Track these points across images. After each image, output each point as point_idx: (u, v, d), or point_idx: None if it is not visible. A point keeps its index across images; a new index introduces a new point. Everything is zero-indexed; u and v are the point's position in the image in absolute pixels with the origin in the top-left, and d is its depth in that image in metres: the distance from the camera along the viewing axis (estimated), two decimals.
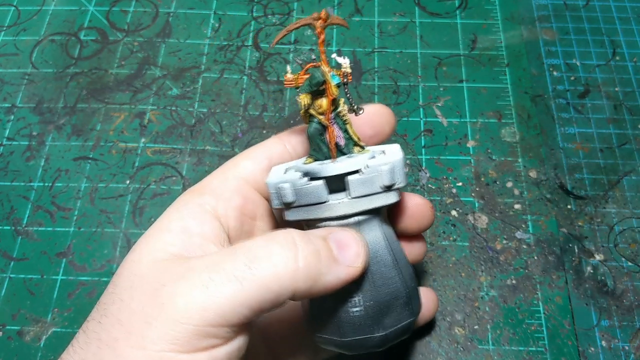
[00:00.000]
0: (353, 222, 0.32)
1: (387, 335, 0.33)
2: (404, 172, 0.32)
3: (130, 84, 0.59)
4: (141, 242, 0.31)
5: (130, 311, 0.27)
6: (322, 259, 0.29)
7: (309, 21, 0.31)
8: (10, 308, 0.47)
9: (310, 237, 0.29)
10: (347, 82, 0.33)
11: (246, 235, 0.34)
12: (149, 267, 0.29)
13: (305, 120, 0.33)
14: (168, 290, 0.27)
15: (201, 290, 0.26)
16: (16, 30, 0.63)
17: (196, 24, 0.63)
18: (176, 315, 0.26)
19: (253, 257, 0.27)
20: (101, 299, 0.29)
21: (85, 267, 0.49)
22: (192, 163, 0.54)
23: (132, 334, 0.26)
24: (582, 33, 0.62)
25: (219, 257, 0.28)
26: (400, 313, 0.33)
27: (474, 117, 0.57)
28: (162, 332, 0.26)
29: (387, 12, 0.64)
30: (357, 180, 0.31)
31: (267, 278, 0.27)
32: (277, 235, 0.29)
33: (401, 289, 0.33)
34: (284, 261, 0.27)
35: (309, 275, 0.28)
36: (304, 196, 0.31)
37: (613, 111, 0.57)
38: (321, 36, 0.31)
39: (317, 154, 0.33)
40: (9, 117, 0.57)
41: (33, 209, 0.52)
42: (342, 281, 0.29)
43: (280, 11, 0.64)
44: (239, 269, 0.27)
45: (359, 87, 0.59)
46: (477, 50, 0.61)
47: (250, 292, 0.26)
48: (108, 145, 0.55)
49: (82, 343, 0.28)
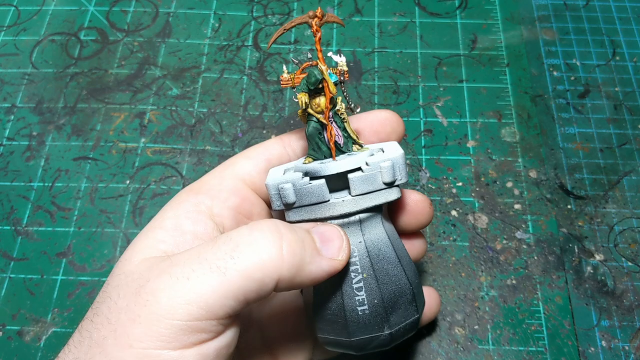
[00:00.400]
0: (355, 220, 0.32)
1: (395, 333, 0.33)
2: (405, 168, 0.32)
3: (130, 84, 0.59)
4: (134, 241, 0.31)
5: (117, 309, 0.27)
6: (306, 248, 0.28)
7: (305, 19, 0.31)
8: (10, 308, 0.47)
9: (294, 227, 0.29)
10: (343, 81, 0.33)
11: None
12: (137, 264, 0.29)
13: (303, 119, 0.33)
14: (151, 286, 0.26)
15: (183, 283, 0.26)
16: (16, 30, 0.63)
17: (196, 24, 0.63)
18: (160, 311, 0.25)
19: (235, 245, 0.27)
20: (96, 299, 0.30)
21: (85, 267, 0.49)
22: (192, 163, 0.54)
23: (118, 333, 0.26)
24: (582, 33, 0.62)
25: (201, 248, 0.27)
26: (406, 310, 0.33)
27: (474, 117, 0.57)
28: (147, 329, 0.25)
29: (387, 12, 0.64)
30: (359, 178, 0.31)
31: (250, 267, 0.26)
32: (260, 224, 0.28)
33: (406, 286, 0.33)
34: (268, 249, 0.27)
35: (293, 264, 0.27)
36: (306, 196, 0.31)
37: (613, 111, 0.57)
38: (317, 34, 0.31)
39: (316, 153, 0.33)
40: (9, 117, 0.57)
41: (33, 209, 0.52)
42: (325, 273, 0.29)
43: (280, 11, 0.64)
44: (221, 258, 0.26)
45: (359, 87, 0.59)
46: (477, 50, 0.61)
47: (234, 281, 0.26)
48: (108, 145, 0.55)
49: (76, 342, 0.28)
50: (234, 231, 0.28)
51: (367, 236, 0.32)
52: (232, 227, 0.33)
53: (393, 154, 0.32)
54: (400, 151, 0.32)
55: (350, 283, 0.32)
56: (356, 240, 0.32)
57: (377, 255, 0.32)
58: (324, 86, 0.31)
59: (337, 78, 0.32)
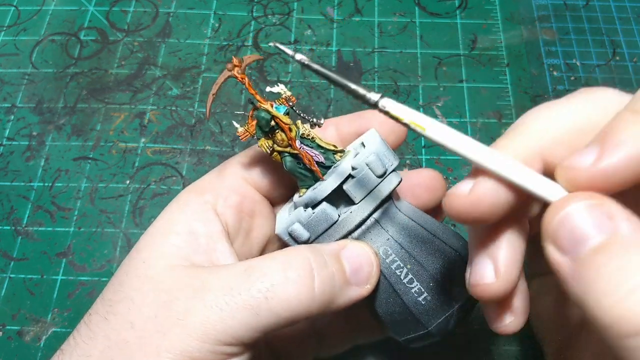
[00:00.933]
0: (372, 222, 0.32)
1: (465, 304, 0.32)
2: (391, 153, 0.32)
3: (130, 84, 0.59)
4: (148, 243, 0.31)
5: (142, 316, 0.27)
6: (336, 283, 0.29)
7: (228, 74, 0.31)
8: (10, 308, 0.47)
9: (324, 257, 0.29)
10: (292, 105, 0.32)
11: (245, 232, 0.34)
12: (161, 273, 0.29)
13: (278, 159, 0.33)
14: (184, 305, 0.27)
15: (216, 313, 0.27)
16: (16, 30, 0.63)
17: (196, 24, 0.63)
18: (190, 332, 0.26)
19: (270, 284, 0.27)
20: (105, 294, 0.29)
21: (85, 267, 0.49)
22: (192, 163, 0.54)
23: (145, 341, 0.27)
24: (582, 33, 0.62)
25: (234, 280, 0.28)
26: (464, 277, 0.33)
27: (474, 117, 0.57)
28: (177, 344, 0.26)
29: (387, 12, 0.64)
30: (354, 185, 0.31)
31: (283, 309, 0.27)
32: (293, 259, 0.29)
33: (452, 254, 0.33)
34: (301, 291, 0.28)
35: (323, 302, 0.28)
36: (316, 226, 0.31)
37: None
38: (245, 80, 0.31)
39: (306, 182, 0.33)
40: (9, 117, 0.57)
41: (33, 209, 0.52)
42: (352, 302, 0.30)
43: (280, 11, 0.64)
44: (255, 297, 0.27)
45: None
46: (477, 50, 0.61)
47: (265, 320, 0.27)
48: (108, 145, 0.55)
49: (85, 337, 0.28)
50: (267, 264, 0.29)
51: (391, 230, 0.32)
52: (234, 225, 0.33)
53: (374, 145, 0.32)
54: (378, 139, 0.32)
55: (399, 280, 0.32)
56: (384, 239, 0.32)
57: (410, 241, 0.32)
58: (277, 122, 0.31)
59: (286, 107, 0.32)
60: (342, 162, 0.32)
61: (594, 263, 0.20)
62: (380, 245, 0.32)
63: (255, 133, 0.32)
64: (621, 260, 0.19)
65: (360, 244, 0.31)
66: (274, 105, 0.31)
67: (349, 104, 0.58)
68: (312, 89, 0.59)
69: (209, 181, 0.34)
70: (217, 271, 0.29)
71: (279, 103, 0.32)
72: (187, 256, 0.30)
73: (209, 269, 0.29)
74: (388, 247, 0.32)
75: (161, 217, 0.32)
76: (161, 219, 0.32)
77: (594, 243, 0.20)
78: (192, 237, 0.31)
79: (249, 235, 0.35)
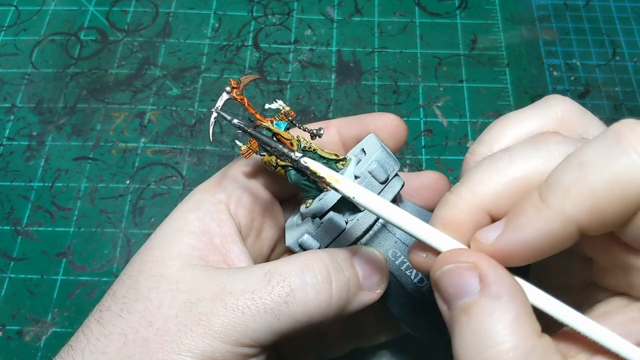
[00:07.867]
0: (379, 226, 0.32)
1: None
2: (392, 158, 0.32)
3: (130, 84, 0.59)
4: (162, 241, 0.31)
5: (162, 315, 0.28)
6: (351, 287, 0.30)
7: (228, 96, 0.31)
8: (10, 308, 0.47)
9: (340, 263, 0.30)
10: (292, 119, 0.33)
11: (256, 232, 0.34)
12: (179, 272, 0.29)
13: (282, 174, 0.33)
14: (205, 307, 0.28)
15: (237, 317, 0.27)
16: (16, 30, 0.63)
17: (196, 24, 0.63)
18: (212, 333, 0.27)
19: (290, 289, 0.28)
20: (117, 290, 0.29)
21: (85, 267, 0.49)
22: (192, 163, 0.54)
23: (166, 339, 0.27)
24: (582, 33, 0.62)
25: (254, 283, 0.28)
26: None
27: (474, 117, 0.57)
28: (199, 344, 0.27)
29: (387, 12, 0.64)
30: None
31: (302, 313, 0.28)
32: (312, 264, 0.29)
33: None
34: (319, 297, 0.28)
35: (339, 307, 0.29)
36: (325, 235, 0.31)
37: (613, 111, 0.57)
38: (244, 101, 0.31)
39: (311, 193, 0.33)
40: (9, 117, 0.57)
41: (33, 209, 0.52)
42: (363, 306, 0.31)
43: (280, 11, 0.64)
44: (275, 302, 0.28)
45: (359, 87, 0.59)
46: (477, 50, 0.61)
47: (284, 324, 0.28)
48: (108, 145, 0.55)
49: (97, 334, 0.28)
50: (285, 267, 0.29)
51: (398, 232, 0.32)
52: (247, 224, 0.34)
53: (374, 153, 0.32)
54: (378, 145, 0.32)
55: (410, 281, 0.32)
56: (392, 242, 0.32)
57: None
58: (279, 138, 0.31)
59: (286, 122, 0.32)
60: (345, 171, 0.33)
61: (459, 322, 0.22)
62: (389, 248, 0.32)
63: (258, 150, 0.32)
64: (480, 325, 0.21)
65: (370, 250, 0.32)
66: (274, 122, 0.32)
67: (348, 104, 0.58)
68: (312, 89, 0.59)
69: (221, 180, 0.34)
70: (236, 273, 0.29)
71: (278, 119, 0.32)
72: (203, 256, 0.30)
73: (227, 271, 0.29)
74: (396, 249, 0.32)
75: (174, 216, 0.32)
76: (174, 218, 0.32)
77: (460, 303, 0.22)
78: (207, 237, 0.31)
79: (260, 235, 0.35)
